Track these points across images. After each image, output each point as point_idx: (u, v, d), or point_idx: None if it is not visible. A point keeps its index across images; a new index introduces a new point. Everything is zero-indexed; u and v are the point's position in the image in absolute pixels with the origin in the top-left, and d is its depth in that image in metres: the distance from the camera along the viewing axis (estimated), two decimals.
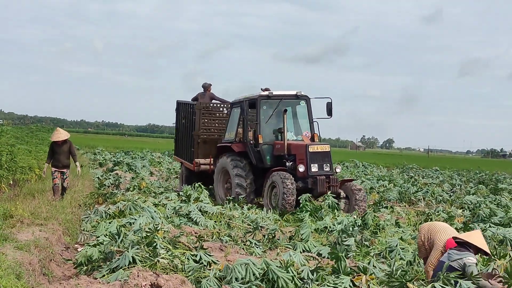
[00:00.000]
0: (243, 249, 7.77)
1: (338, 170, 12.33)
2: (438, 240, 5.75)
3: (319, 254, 7.39)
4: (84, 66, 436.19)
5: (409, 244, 8.10)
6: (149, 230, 6.79)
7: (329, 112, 12.63)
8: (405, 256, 7.20)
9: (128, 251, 5.87)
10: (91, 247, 6.46)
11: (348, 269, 5.83)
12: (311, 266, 5.97)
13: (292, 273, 5.54)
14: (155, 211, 9.11)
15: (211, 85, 15.09)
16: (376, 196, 15.21)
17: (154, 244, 6.16)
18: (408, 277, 5.42)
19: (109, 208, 9.35)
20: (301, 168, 11.72)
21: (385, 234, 8.91)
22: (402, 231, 9.28)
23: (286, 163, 12.06)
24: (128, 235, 6.77)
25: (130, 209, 9.20)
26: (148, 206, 9.31)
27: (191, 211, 9.88)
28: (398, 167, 37.15)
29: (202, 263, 5.92)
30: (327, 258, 7.16)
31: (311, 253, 7.34)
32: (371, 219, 9.29)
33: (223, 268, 5.60)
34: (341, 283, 5.46)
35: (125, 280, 5.19)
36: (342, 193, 11.72)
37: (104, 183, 14.32)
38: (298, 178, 11.67)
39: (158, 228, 7.11)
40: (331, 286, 5.45)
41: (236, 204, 11.42)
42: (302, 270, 5.73)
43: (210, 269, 5.71)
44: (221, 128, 14.23)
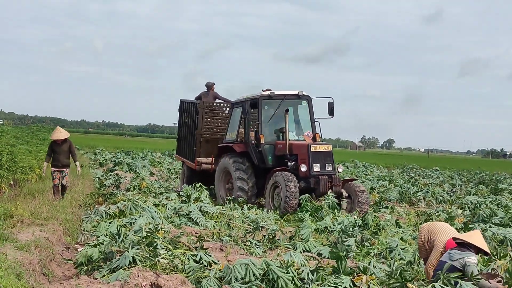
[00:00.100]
0: (244, 249, 7.77)
1: (340, 170, 12.29)
2: (438, 241, 5.75)
3: (320, 254, 7.39)
4: (84, 66, 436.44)
5: (409, 244, 8.09)
6: (150, 230, 6.80)
7: (331, 112, 12.59)
8: (405, 256, 7.20)
9: (129, 251, 5.87)
10: (92, 247, 6.47)
11: (349, 269, 5.83)
12: (312, 266, 5.96)
13: (292, 273, 5.54)
14: (156, 211, 9.12)
15: (215, 84, 15.12)
16: (377, 196, 15.20)
17: (155, 244, 6.16)
18: (408, 277, 5.42)
19: (110, 208, 9.35)
20: (303, 168, 11.67)
21: (385, 234, 8.91)
22: (403, 231, 9.28)
23: (288, 163, 12.01)
24: (129, 235, 6.77)
25: (131, 209, 9.20)
26: (149, 206, 9.31)
27: (192, 211, 9.87)
28: (399, 167, 37.14)
29: (203, 263, 5.92)
30: (328, 258, 7.16)
31: (312, 253, 7.33)
32: (372, 219, 9.30)
33: (223, 268, 5.60)
34: (342, 283, 5.46)
35: (126, 280, 5.19)
36: (345, 193, 11.65)
37: (105, 183, 14.32)
38: (300, 178, 11.62)
39: (159, 228, 7.12)
40: (332, 286, 5.46)
41: (236, 204, 11.42)
42: (303, 270, 5.73)
43: (210, 269, 5.71)
44: (224, 128, 14.19)
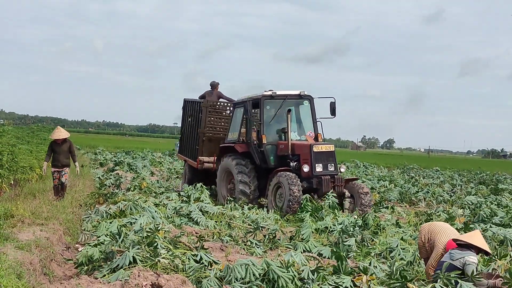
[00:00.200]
0: (244, 249, 7.77)
1: (343, 170, 12.26)
2: (439, 242, 5.75)
3: (320, 254, 7.39)
4: (84, 66, 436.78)
5: (410, 244, 8.09)
6: (150, 230, 6.80)
7: (333, 112, 12.55)
8: (406, 256, 7.20)
9: (129, 251, 5.87)
10: (92, 247, 6.47)
11: (349, 269, 5.83)
12: (312, 266, 5.96)
13: (293, 273, 5.54)
14: (156, 211, 9.10)
15: (219, 84, 15.12)
16: (377, 196, 15.19)
17: (155, 244, 6.16)
18: (409, 277, 5.42)
19: (110, 208, 9.34)
20: (306, 168, 11.63)
21: (386, 234, 8.91)
22: (403, 231, 9.27)
23: (290, 163, 11.95)
24: (129, 235, 6.77)
25: (131, 209, 9.20)
26: (149, 206, 9.30)
27: (192, 211, 9.87)
28: (399, 167, 37.15)
29: (203, 263, 5.92)
30: (328, 258, 7.16)
31: (312, 253, 7.33)
32: (372, 219, 9.29)
33: (224, 268, 5.60)
34: (342, 283, 5.46)
35: (126, 280, 5.19)
36: (347, 193, 11.63)
37: (105, 183, 14.31)
38: (303, 178, 11.56)
39: (159, 228, 7.12)
40: (332, 286, 5.46)
41: (237, 204, 11.42)
42: (303, 270, 5.73)
43: (211, 269, 5.71)
44: (227, 127, 14.15)
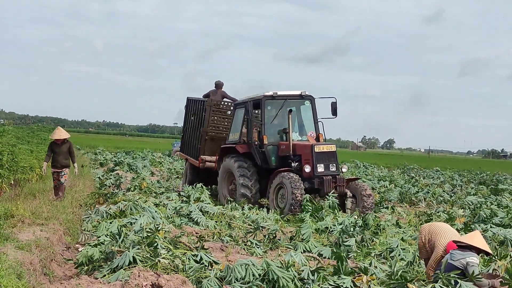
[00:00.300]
0: (244, 250, 7.77)
1: (344, 170, 12.23)
2: (439, 243, 5.74)
3: (320, 255, 7.38)
4: (84, 66, 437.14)
5: (410, 245, 8.09)
6: (150, 230, 6.79)
7: (334, 112, 12.54)
8: (406, 257, 7.20)
9: (129, 251, 5.87)
10: (92, 247, 6.47)
11: (349, 270, 5.82)
12: (312, 267, 5.96)
13: (293, 274, 5.54)
14: (156, 211, 9.10)
15: (223, 84, 15.12)
16: (377, 197, 15.19)
17: (155, 244, 6.16)
18: (409, 278, 5.42)
19: (110, 208, 9.33)
20: (307, 169, 11.60)
21: (386, 235, 8.90)
22: (403, 232, 9.27)
23: (292, 164, 11.93)
24: (129, 235, 6.77)
25: (131, 209, 9.20)
26: (149, 206, 9.30)
27: (192, 211, 9.87)
28: (399, 168, 37.18)
29: (203, 263, 5.91)
30: (328, 259, 7.16)
31: (312, 254, 7.32)
32: (372, 220, 9.29)
33: (224, 269, 5.59)
34: (342, 283, 5.46)
35: (126, 280, 5.19)
36: (349, 193, 11.60)
37: (105, 183, 14.30)
38: (304, 179, 11.53)
39: (159, 228, 7.11)
40: (332, 286, 5.46)
41: (237, 204, 11.42)
42: (303, 271, 5.73)
43: (211, 269, 5.70)
44: (230, 127, 14.11)
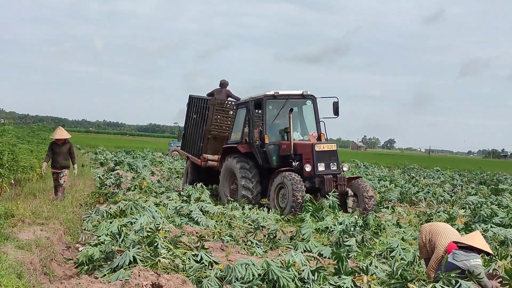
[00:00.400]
0: (244, 249, 7.77)
1: (345, 169, 12.19)
2: (439, 244, 5.74)
3: (320, 254, 7.38)
4: (85, 66, 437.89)
5: (410, 245, 8.09)
6: (150, 230, 6.79)
7: (336, 112, 12.51)
8: (406, 257, 7.19)
9: (129, 251, 5.86)
10: (92, 247, 6.46)
11: (349, 269, 5.82)
12: (312, 266, 5.96)
13: (293, 273, 5.53)
14: (156, 211, 9.10)
15: (228, 83, 15.11)
16: (378, 197, 15.19)
17: (155, 244, 6.15)
18: (409, 277, 5.41)
19: (110, 208, 9.33)
20: (308, 168, 11.58)
21: (386, 235, 8.90)
22: (403, 232, 9.27)
23: (293, 163, 11.92)
24: (129, 235, 6.77)
25: (131, 209, 9.20)
26: (149, 206, 9.30)
27: (192, 211, 9.87)
28: (399, 168, 37.18)
29: (203, 263, 5.91)
30: (328, 258, 7.15)
31: (312, 253, 7.32)
32: (372, 220, 9.28)
33: (224, 268, 5.59)
34: (343, 283, 5.45)
35: (126, 280, 5.18)
36: (350, 191, 11.59)
37: (105, 183, 14.30)
38: (305, 178, 11.52)
39: (159, 228, 7.11)
40: (333, 286, 5.45)
41: (238, 204, 11.42)
42: (303, 270, 5.72)
43: (211, 269, 5.70)
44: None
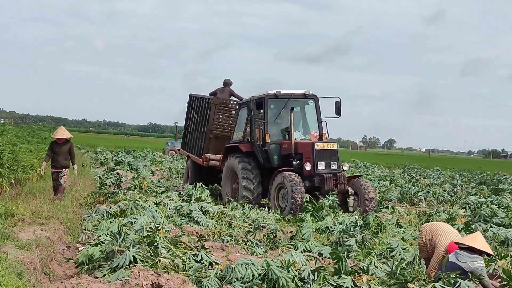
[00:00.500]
0: (244, 249, 7.77)
1: (346, 168, 12.19)
2: (440, 244, 5.74)
3: (320, 254, 7.38)
4: (85, 66, 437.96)
5: (410, 244, 8.09)
6: (150, 230, 6.79)
7: (338, 112, 12.50)
8: (406, 256, 7.20)
9: (129, 251, 5.86)
10: (92, 246, 6.46)
11: (349, 269, 5.82)
12: (312, 266, 5.96)
13: (293, 273, 5.53)
14: (156, 211, 9.10)
15: (232, 83, 15.08)
16: (378, 196, 15.19)
17: (155, 244, 6.15)
18: (409, 277, 5.42)
19: (110, 208, 9.33)
20: (308, 167, 11.57)
21: (386, 234, 8.90)
22: (403, 231, 9.27)
23: (293, 162, 11.91)
24: (129, 235, 6.76)
25: (131, 209, 9.20)
26: (149, 206, 9.30)
27: (192, 211, 9.87)
28: (400, 167, 37.18)
29: (203, 263, 5.91)
30: (328, 258, 7.16)
31: (312, 253, 7.32)
32: (372, 219, 9.28)
33: (224, 268, 5.59)
34: (343, 283, 5.45)
35: (126, 280, 5.18)
36: (350, 190, 11.58)
37: (106, 183, 14.31)
38: (305, 177, 11.52)
39: (159, 228, 7.11)
40: (333, 286, 5.45)
41: (238, 204, 11.42)
42: (303, 270, 5.72)
43: (211, 269, 5.70)
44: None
